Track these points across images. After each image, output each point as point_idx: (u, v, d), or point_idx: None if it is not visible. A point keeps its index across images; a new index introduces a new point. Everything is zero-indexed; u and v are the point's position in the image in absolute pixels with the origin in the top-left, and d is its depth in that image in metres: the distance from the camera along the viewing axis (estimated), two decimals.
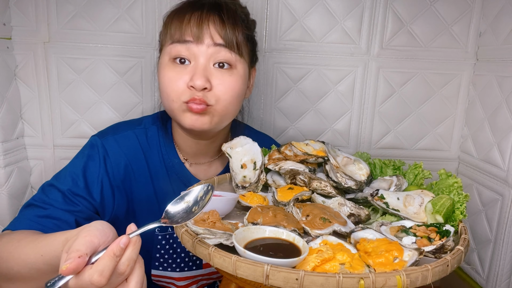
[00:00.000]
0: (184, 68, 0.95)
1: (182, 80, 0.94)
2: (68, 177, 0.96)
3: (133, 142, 1.04)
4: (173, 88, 0.95)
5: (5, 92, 1.26)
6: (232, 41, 0.95)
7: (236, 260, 0.63)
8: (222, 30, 0.95)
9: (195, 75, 0.93)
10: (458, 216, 0.82)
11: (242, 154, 1.03)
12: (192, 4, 0.98)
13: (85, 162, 0.98)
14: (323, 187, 0.92)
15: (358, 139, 1.51)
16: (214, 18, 0.95)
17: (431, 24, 1.41)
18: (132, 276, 0.61)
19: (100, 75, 1.36)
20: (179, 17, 0.96)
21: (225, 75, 0.96)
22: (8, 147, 1.29)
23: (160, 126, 1.09)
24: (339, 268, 0.67)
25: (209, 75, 0.94)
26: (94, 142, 1.01)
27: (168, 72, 0.96)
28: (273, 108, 1.48)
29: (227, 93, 0.96)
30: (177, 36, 0.95)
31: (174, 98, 0.95)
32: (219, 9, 0.96)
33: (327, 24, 1.41)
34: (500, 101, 1.29)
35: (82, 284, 0.57)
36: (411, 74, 1.46)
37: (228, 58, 0.96)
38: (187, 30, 0.94)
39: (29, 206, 0.92)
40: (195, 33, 0.93)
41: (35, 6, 1.28)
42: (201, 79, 0.92)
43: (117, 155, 1.01)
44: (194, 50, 0.94)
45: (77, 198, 0.93)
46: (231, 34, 0.95)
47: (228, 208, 0.87)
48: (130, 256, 0.60)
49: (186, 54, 0.95)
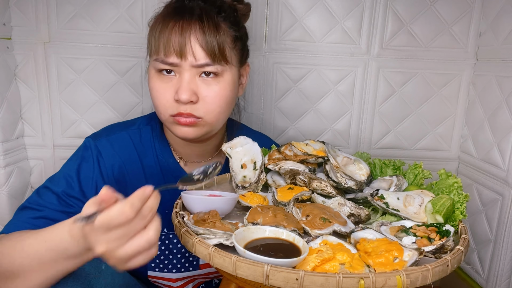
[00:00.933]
0: (170, 80, 0.94)
1: (168, 93, 0.94)
2: (62, 179, 0.95)
3: (127, 143, 1.04)
4: (160, 101, 0.95)
5: (5, 92, 1.26)
6: (216, 55, 0.92)
7: (236, 260, 0.63)
8: (204, 43, 0.91)
9: (180, 89, 0.92)
10: (458, 216, 0.82)
11: (242, 154, 1.03)
12: (175, 11, 0.95)
13: (79, 164, 0.98)
14: (323, 187, 0.92)
15: (358, 139, 1.51)
16: (195, 28, 0.91)
17: (431, 24, 1.41)
18: (151, 224, 0.65)
19: (100, 75, 1.36)
20: (162, 29, 0.93)
21: (211, 84, 0.94)
22: (8, 147, 1.29)
23: (154, 127, 1.09)
24: (339, 268, 0.67)
25: (195, 88, 0.93)
26: (87, 143, 1.01)
27: (155, 84, 0.96)
28: (273, 108, 1.48)
29: (215, 103, 0.95)
30: (161, 55, 0.93)
31: (162, 111, 0.96)
32: (202, 15, 0.93)
33: (327, 24, 1.41)
34: (500, 101, 1.29)
35: (112, 216, 0.61)
36: (411, 74, 1.46)
37: (214, 70, 0.94)
38: (170, 50, 0.91)
39: (23, 209, 0.92)
40: (177, 52, 0.91)
41: (35, 6, 1.28)
42: (186, 93, 0.91)
43: (110, 156, 1.00)
44: (179, 68, 0.93)
45: (72, 200, 0.93)
46: (215, 47, 0.92)
47: (228, 208, 0.87)
48: (153, 204, 0.64)
49: (171, 68, 0.94)
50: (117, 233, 0.62)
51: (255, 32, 1.39)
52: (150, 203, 0.64)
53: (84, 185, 0.96)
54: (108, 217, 0.61)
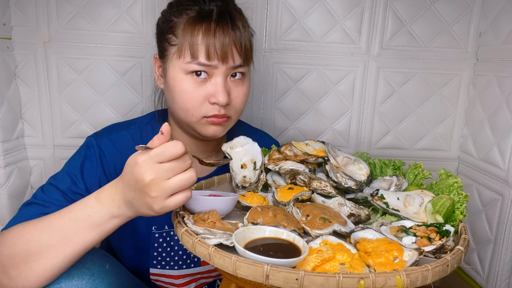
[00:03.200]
0: (203, 83, 0.95)
1: (201, 95, 0.95)
2: (67, 177, 0.96)
3: (128, 142, 1.04)
4: (193, 104, 0.96)
5: (5, 92, 1.26)
6: (248, 57, 0.98)
7: (236, 260, 0.63)
8: (240, 47, 0.95)
9: (218, 93, 0.94)
10: (458, 216, 0.82)
11: (242, 154, 1.03)
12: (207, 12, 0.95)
13: (82, 162, 0.98)
14: (323, 187, 0.92)
15: (358, 139, 1.51)
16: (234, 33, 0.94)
17: (431, 24, 1.41)
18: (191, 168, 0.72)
19: (100, 75, 1.36)
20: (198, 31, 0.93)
21: (239, 86, 0.99)
22: (8, 147, 1.29)
23: (155, 126, 1.09)
24: (339, 268, 0.67)
25: (229, 90, 0.97)
26: (89, 142, 1.02)
27: (187, 86, 0.95)
28: (273, 108, 1.48)
29: (243, 102, 1.01)
30: (200, 58, 0.93)
31: (194, 113, 0.97)
32: (234, 18, 0.96)
33: (327, 24, 1.41)
34: (500, 101, 1.29)
35: (167, 147, 0.69)
36: (411, 74, 1.46)
37: (243, 71, 0.99)
38: (210, 51, 0.92)
39: (29, 204, 0.92)
40: (220, 56, 0.93)
41: (35, 6, 1.28)
42: (225, 97, 0.94)
43: (112, 154, 1.01)
44: (213, 69, 0.94)
45: (77, 196, 0.93)
46: (248, 48, 0.97)
47: (228, 208, 0.87)
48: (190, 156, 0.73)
49: (206, 70, 0.94)
50: (167, 166, 0.69)
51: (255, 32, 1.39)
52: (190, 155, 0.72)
53: (88, 182, 0.96)
54: (163, 147, 0.69)
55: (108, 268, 0.88)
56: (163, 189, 0.69)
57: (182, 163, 0.70)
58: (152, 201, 0.70)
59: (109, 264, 0.89)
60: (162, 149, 0.69)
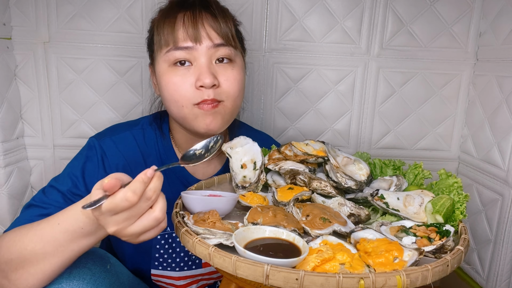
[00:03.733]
0: (187, 70, 0.95)
1: (188, 82, 0.94)
2: (68, 178, 0.96)
3: (131, 143, 1.04)
4: (181, 93, 0.95)
5: (5, 92, 1.26)
6: (229, 37, 0.96)
7: (236, 260, 0.63)
8: (218, 28, 0.95)
9: (201, 74, 0.93)
10: (458, 216, 0.82)
11: (242, 154, 1.02)
12: (180, 4, 0.97)
13: (84, 163, 0.98)
14: (323, 187, 0.92)
15: (358, 139, 1.51)
16: (206, 16, 0.95)
17: (431, 24, 1.41)
18: (156, 204, 0.69)
19: (100, 75, 1.36)
20: (170, 21, 0.95)
21: (227, 69, 0.97)
22: (8, 147, 1.29)
23: (157, 126, 1.09)
24: (339, 268, 0.67)
25: (214, 72, 0.95)
26: (92, 143, 1.02)
27: (172, 78, 0.95)
28: (273, 108, 1.48)
29: (234, 87, 0.98)
30: (173, 42, 0.94)
31: (184, 103, 0.95)
32: (208, 6, 0.97)
33: (327, 24, 1.41)
34: (500, 101, 1.29)
35: (117, 203, 0.65)
36: (411, 74, 1.46)
37: (228, 54, 0.97)
38: (183, 34, 0.93)
39: (29, 207, 0.92)
40: (192, 36, 0.93)
41: (35, 6, 1.29)
42: (209, 77, 0.93)
43: (115, 156, 1.01)
44: (193, 53, 0.94)
45: (77, 198, 0.93)
46: (227, 30, 0.96)
47: (228, 208, 0.87)
48: (156, 186, 0.68)
49: (187, 57, 0.95)
50: (124, 216, 0.66)
51: (255, 32, 1.39)
52: (153, 185, 0.67)
53: (89, 184, 0.96)
54: (113, 204, 0.65)
55: (109, 268, 0.88)
56: (130, 234, 0.69)
57: (141, 206, 0.67)
58: (126, 240, 0.71)
59: (110, 264, 0.89)
60: (112, 206, 0.65)
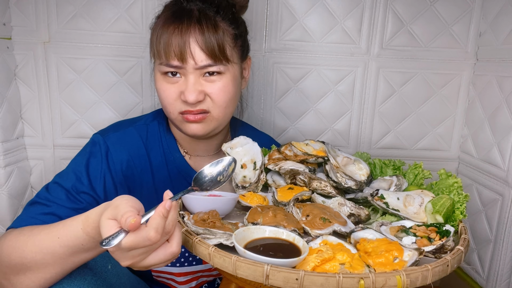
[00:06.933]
0: (176, 81, 0.98)
1: (175, 93, 0.97)
2: (72, 175, 0.96)
3: (135, 138, 1.05)
4: (168, 101, 0.98)
5: (5, 92, 1.26)
6: (217, 55, 0.94)
7: (236, 260, 0.63)
8: (208, 47, 0.93)
9: (186, 91, 0.95)
10: (458, 216, 0.82)
11: (242, 154, 1.03)
12: (175, 15, 0.96)
13: (88, 159, 0.99)
14: (323, 187, 0.92)
15: (358, 139, 1.51)
16: (195, 35, 0.93)
17: (431, 24, 1.41)
18: (173, 236, 0.68)
19: (100, 75, 1.36)
20: (162, 36, 0.95)
21: (216, 82, 0.97)
22: (8, 147, 1.29)
23: (160, 122, 1.11)
24: (339, 268, 0.67)
25: (200, 87, 0.96)
26: (96, 139, 1.02)
27: (162, 85, 0.99)
28: (273, 108, 1.48)
29: (222, 98, 0.98)
30: (164, 57, 0.95)
31: (171, 110, 0.99)
32: (199, 20, 0.94)
33: (327, 24, 1.41)
34: (500, 101, 1.29)
35: (138, 241, 0.62)
36: (411, 74, 1.46)
37: (216, 70, 0.96)
38: (172, 54, 0.94)
39: (32, 204, 0.92)
40: (179, 57, 0.93)
41: (35, 6, 1.28)
42: (192, 95, 0.94)
43: (119, 151, 1.01)
44: (182, 70, 0.96)
45: (81, 195, 0.94)
46: (215, 47, 0.94)
47: (228, 208, 0.87)
48: (173, 218, 0.66)
49: (176, 70, 0.97)
50: (141, 251, 0.65)
51: (255, 32, 1.39)
52: (171, 217, 0.66)
53: (93, 179, 0.97)
54: (135, 242, 0.62)
55: (110, 268, 0.88)
56: (144, 266, 0.68)
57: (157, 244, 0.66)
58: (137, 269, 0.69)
59: (111, 264, 0.89)
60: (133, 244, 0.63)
